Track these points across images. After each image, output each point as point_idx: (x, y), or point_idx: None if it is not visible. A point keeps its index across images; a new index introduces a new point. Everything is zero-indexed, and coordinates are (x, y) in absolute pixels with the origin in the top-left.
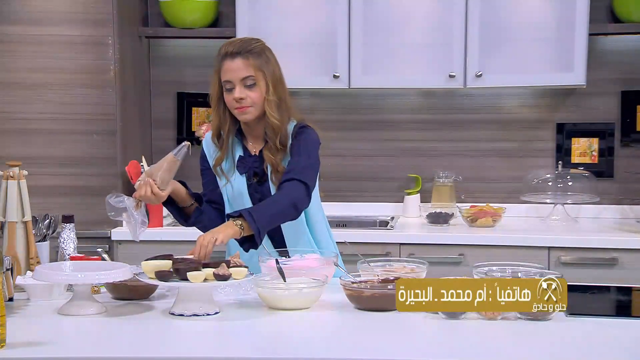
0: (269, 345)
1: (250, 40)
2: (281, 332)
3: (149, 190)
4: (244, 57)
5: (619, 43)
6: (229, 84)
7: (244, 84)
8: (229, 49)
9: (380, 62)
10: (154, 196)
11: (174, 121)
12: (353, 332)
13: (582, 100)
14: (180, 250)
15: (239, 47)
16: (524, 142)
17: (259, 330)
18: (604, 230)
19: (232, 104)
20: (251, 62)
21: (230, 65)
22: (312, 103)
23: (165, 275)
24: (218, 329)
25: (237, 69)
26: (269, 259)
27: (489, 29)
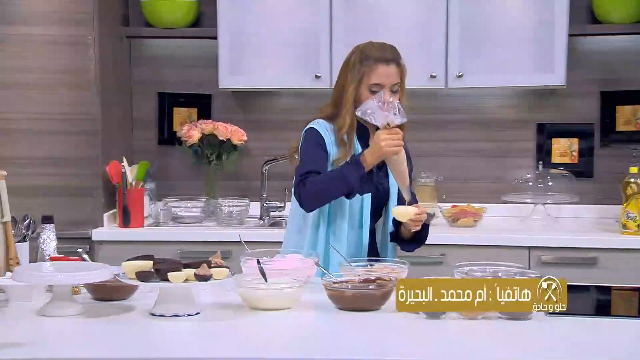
0: (250, 345)
1: (394, 47)
2: (262, 332)
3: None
4: (397, 65)
5: (599, 44)
6: (378, 87)
7: (392, 89)
8: (385, 55)
9: None
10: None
11: (155, 121)
12: (334, 332)
13: (562, 100)
14: (161, 250)
15: (393, 54)
16: (504, 143)
17: (240, 331)
18: (584, 230)
19: None
20: (401, 69)
21: (385, 70)
22: (294, 103)
23: (145, 275)
24: (199, 329)
25: (392, 75)
26: (250, 259)
27: (470, 30)
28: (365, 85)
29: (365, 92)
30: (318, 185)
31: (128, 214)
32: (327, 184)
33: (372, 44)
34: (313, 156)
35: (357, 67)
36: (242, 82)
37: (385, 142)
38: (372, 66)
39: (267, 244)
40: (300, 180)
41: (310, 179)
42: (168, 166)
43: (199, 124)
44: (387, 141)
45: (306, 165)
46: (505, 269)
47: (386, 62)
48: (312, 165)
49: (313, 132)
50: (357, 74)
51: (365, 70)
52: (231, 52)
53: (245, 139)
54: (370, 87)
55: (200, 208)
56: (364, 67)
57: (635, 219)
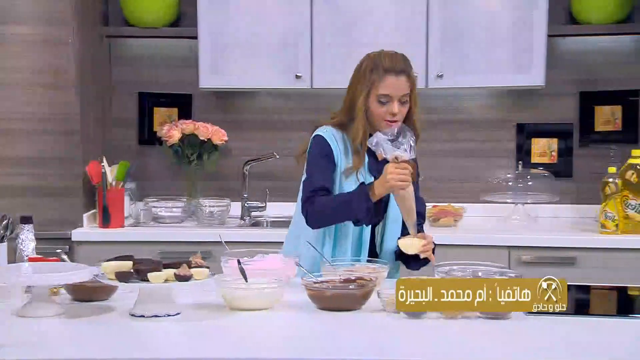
0: (230, 345)
1: (405, 58)
2: (242, 332)
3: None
4: (407, 76)
5: (577, 44)
6: (387, 98)
7: (400, 100)
8: (395, 66)
9: (342, 62)
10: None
11: (135, 121)
12: (314, 332)
13: (541, 100)
14: (142, 250)
15: (404, 65)
16: (484, 143)
17: (220, 331)
18: (563, 229)
19: (383, 116)
20: (410, 81)
21: (394, 82)
22: (275, 103)
23: (125, 276)
24: (179, 329)
25: (401, 86)
26: (230, 259)
27: (450, 30)
28: (374, 95)
29: (374, 102)
30: (326, 208)
31: (108, 214)
32: (335, 210)
33: (384, 54)
34: (321, 170)
35: (367, 77)
36: (223, 82)
37: (391, 175)
38: (381, 77)
39: (248, 244)
40: (309, 198)
41: (319, 200)
42: (148, 166)
43: (180, 124)
44: (393, 175)
45: (315, 181)
46: (485, 269)
47: (395, 73)
48: (321, 182)
49: (321, 140)
50: (367, 83)
51: (375, 80)
52: (212, 52)
53: (226, 139)
54: (379, 98)
55: (180, 208)
56: (373, 77)
57: (613, 219)
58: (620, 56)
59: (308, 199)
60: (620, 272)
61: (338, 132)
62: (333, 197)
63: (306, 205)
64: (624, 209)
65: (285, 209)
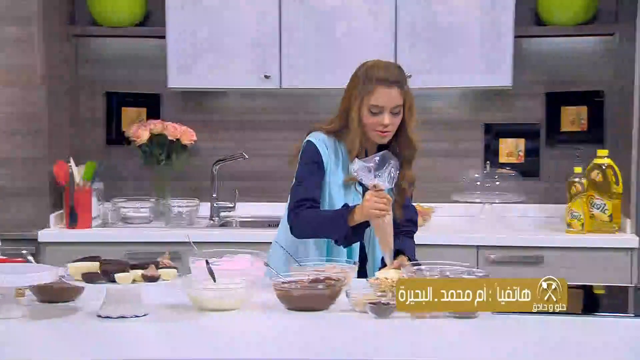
0: (198, 346)
1: (400, 69)
2: (210, 333)
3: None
4: (400, 87)
5: (544, 45)
6: (378, 109)
7: (392, 111)
8: (387, 77)
9: (311, 63)
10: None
11: (103, 121)
12: (282, 332)
13: (508, 101)
14: (110, 251)
15: (397, 76)
16: (452, 143)
17: (188, 332)
18: (530, 229)
19: (375, 127)
20: (404, 91)
21: (386, 93)
22: (244, 103)
23: (92, 277)
24: (146, 330)
25: (392, 98)
26: (198, 260)
27: (418, 31)
28: (366, 105)
29: (366, 113)
30: (309, 224)
31: (75, 214)
32: (317, 228)
33: (379, 64)
34: (309, 179)
35: (360, 86)
36: (191, 82)
37: (368, 203)
38: (373, 87)
39: (217, 244)
40: (295, 207)
41: (304, 215)
42: (117, 166)
43: (148, 123)
44: (371, 203)
45: (302, 191)
46: (453, 268)
47: (388, 84)
48: (308, 192)
49: (311, 148)
50: (360, 92)
51: (367, 90)
52: (180, 51)
53: (194, 139)
54: (370, 108)
55: (149, 208)
56: (366, 87)
57: (579, 218)
58: (586, 57)
59: (293, 210)
60: (586, 271)
61: (330, 139)
62: (316, 215)
63: (291, 215)
64: (590, 209)
65: (255, 209)
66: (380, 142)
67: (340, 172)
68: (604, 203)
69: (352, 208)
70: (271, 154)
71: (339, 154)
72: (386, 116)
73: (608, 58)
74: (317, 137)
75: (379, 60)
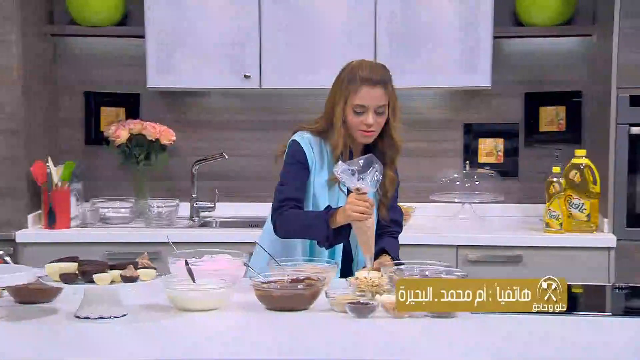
0: (177, 346)
1: (385, 69)
2: (190, 333)
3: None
4: (384, 87)
5: (523, 46)
6: (362, 109)
7: (376, 111)
8: (371, 76)
9: (291, 63)
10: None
11: (81, 121)
12: (262, 332)
13: (487, 101)
14: (89, 252)
15: (381, 76)
16: (432, 143)
17: (167, 332)
18: (509, 228)
19: (359, 126)
20: (387, 91)
21: (369, 93)
22: (224, 103)
23: (70, 277)
24: (125, 331)
25: (376, 97)
26: (178, 260)
27: (398, 31)
28: (350, 105)
29: (350, 112)
30: (292, 225)
31: (53, 215)
32: (300, 228)
33: (363, 64)
34: (293, 179)
35: (344, 86)
36: (171, 81)
37: (350, 206)
38: (357, 87)
39: (197, 244)
40: (279, 207)
41: (287, 215)
42: (95, 166)
43: (127, 123)
44: (352, 205)
45: (286, 191)
46: (433, 268)
47: (372, 84)
48: (292, 192)
49: (296, 146)
50: (344, 92)
51: (351, 90)
52: (159, 51)
53: (174, 139)
54: (354, 108)
55: (128, 209)
56: (349, 87)
57: (558, 218)
58: (564, 58)
59: (277, 210)
60: (564, 270)
61: (316, 139)
62: (299, 215)
63: (275, 215)
64: (568, 208)
65: (235, 209)
66: (364, 141)
67: (326, 172)
68: (582, 203)
69: (334, 210)
70: (251, 154)
71: (324, 154)
72: (370, 116)
73: (586, 59)
74: (302, 137)
75: (363, 60)
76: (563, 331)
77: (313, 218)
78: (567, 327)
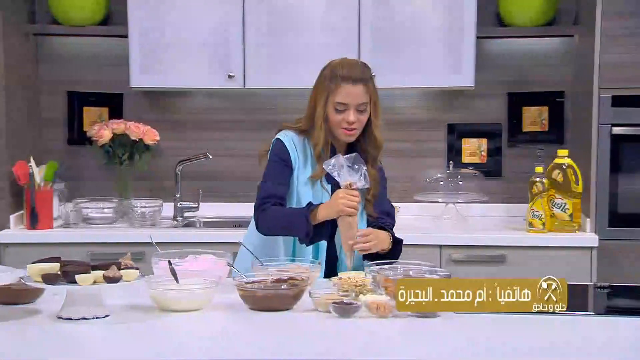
0: (160, 347)
1: (366, 67)
2: (173, 333)
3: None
4: (365, 84)
5: (505, 46)
6: (343, 106)
7: (358, 108)
8: (352, 74)
9: (275, 62)
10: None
11: (64, 121)
12: (246, 333)
13: (471, 101)
14: (72, 252)
15: (361, 73)
16: (416, 143)
17: (150, 333)
18: (493, 228)
19: (341, 124)
20: (368, 89)
21: (351, 90)
22: (208, 103)
23: (52, 278)
24: (108, 332)
25: (358, 95)
26: (161, 260)
27: (382, 31)
28: (331, 103)
29: (331, 110)
30: (274, 221)
31: (36, 215)
32: (281, 225)
33: (344, 62)
34: (276, 176)
35: (326, 84)
36: (154, 81)
37: (343, 200)
38: (338, 85)
39: (180, 244)
40: (261, 204)
41: (270, 211)
42: (78, 166)
43: (110, 123)
44: (344, 200)
45: (268, 188)
46: (416, 268)
47: (352, 81)
48: (274, 189)
49: (279, 145)
50: (325, 90)
51: (332, 88)
52: (142, 51)
53: (157, 138)
54: (336, 106)
55: (112, 209)
56: (330, 85)
57: (541, 217)
58: (547, 58)
59: (259, 207)
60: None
61: (299, 138)
62: (280, 212)
63: (258, 211)
64: (551, 208)
65: (218, 209)
66: (346, 140)
67: (309, 171)
68: (564, 202)
69: (315, 207)
70: (235, 154)
71: (307, 153)
72: (351, 113)
73: (568, 59)
74: (285, 135)
75: (344, 59)
76: (541, 331)
77: (294, 214)
78: (545, 327)
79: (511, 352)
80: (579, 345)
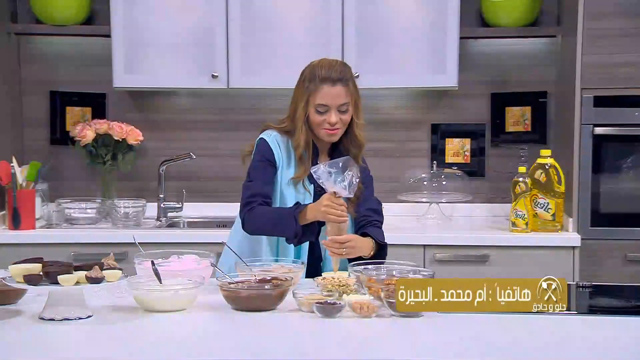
0: (144, 348)
1: (345, 66)
2: (156, 334)
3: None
4: (345, 85)
5: (489, 47)
6: (324, 108)
7: (339, 109)
8: (331, 75)
9: (259, 63)
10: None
11: (47, 120)
12: (229, 333)
13: (454, 101)
14: (54, 253)
15: (340, 74)
16: (400, 143)
17: (134, 333)
18: (476, 228)
19: (322, 125)
20: (349, 89)
21: (330, 91)
22: (191, 103)
23: (34, 278)
24: (90, 333)
25: (338, 95)
26: (144, 261)
27: (366, 31)
28: (312, 104)
29: (312, 112)
30: (261, 221)
31: (18, 215)
32: (269, 225)
33: (323, 63)
34: (261, 176)
35: (306, 85)
36: (138, 81)
37: (326, 208)
38: (317, 86)
39: (164, 245)
40: (248, 203)
41: (256, 211)
42: (61, 166)
43: (93, 123)
44: (328, 208)
45: (254, 187)
46: (400, 268)
47: (332, 82)
48: (259, 188)
49: (263, 144)
50: (305, 92)
51: (312, 90)
52: (126, 50)
53: (141, 138)
54: (317, 107)
55: (95, 209)
56: (310, 86)
57: (524, 217)
58: (530, 59)
59: (246, 206)
60: (530, 269)
61: (283, 137)
62: (268, 212)
63: (244, 210)
64: (534, 208)
65: (202, 209)
66: (329, 140)
67: (292, 170)
68: (547, 202)
69: (303, 207)
70: (219, 154)
71: (290, 152)
72: (333, 114)
73: (551, 59)
74: (269, 135)
75: (324, 59)
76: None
77: (282, 214)
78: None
79: (489, 349)
80: (564, 344)
